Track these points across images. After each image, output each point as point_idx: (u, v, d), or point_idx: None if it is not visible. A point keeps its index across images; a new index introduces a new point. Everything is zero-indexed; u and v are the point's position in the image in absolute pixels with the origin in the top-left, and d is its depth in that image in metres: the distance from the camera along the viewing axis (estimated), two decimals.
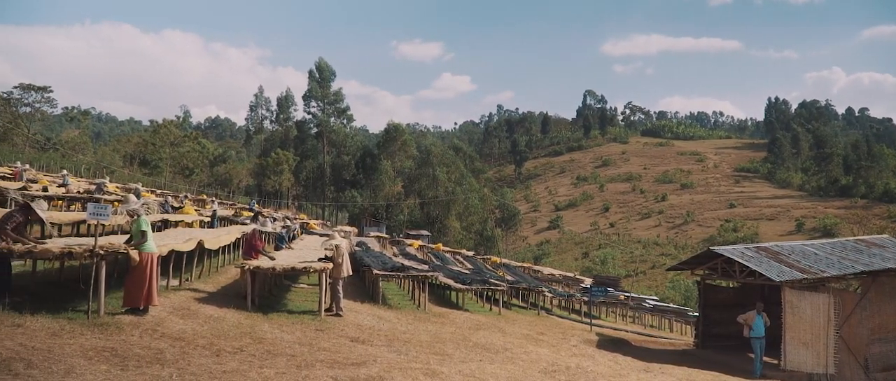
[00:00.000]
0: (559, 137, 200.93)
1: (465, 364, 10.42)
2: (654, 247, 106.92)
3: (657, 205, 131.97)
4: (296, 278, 19.13)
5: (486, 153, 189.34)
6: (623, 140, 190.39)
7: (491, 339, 14.66)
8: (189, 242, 13.02)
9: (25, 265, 11.15)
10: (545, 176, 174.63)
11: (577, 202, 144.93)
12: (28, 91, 70.83)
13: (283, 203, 76.94)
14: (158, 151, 78.27)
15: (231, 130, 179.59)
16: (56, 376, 5.93)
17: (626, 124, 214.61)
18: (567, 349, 15.94)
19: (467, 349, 12.54)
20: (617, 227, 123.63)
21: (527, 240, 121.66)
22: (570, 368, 12.22)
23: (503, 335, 16.02)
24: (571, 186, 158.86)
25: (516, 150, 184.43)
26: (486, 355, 12.17)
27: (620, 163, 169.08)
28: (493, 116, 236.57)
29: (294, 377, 7.39)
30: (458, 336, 14.17)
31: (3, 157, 47.09)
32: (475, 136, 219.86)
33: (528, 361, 12.23)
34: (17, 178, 24.35)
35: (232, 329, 10.08)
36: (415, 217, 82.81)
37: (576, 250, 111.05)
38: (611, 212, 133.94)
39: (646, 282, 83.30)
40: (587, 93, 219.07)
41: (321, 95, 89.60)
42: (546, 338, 17.36)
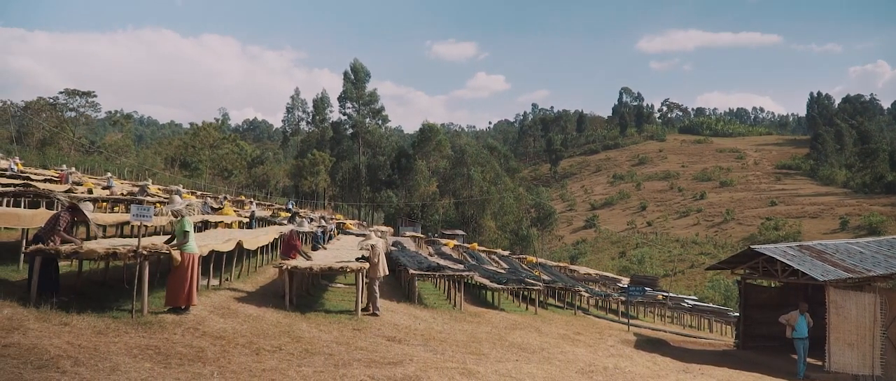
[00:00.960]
0: (595, 135, 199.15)
1: (502, 364, 10.41)
2: (692, 246, 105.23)
3: (696, 203, 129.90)
4: (333, 278, 19.33)
5: (521, 152, 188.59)
6: (660, 138, 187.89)
7: (527, 339, 14.62)
8: (229, 242, 13.25)
9: (72, 266, 11.47)
10: (581, 175, 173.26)
11: (614, 201, 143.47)
12: (73, 96, 72.85)
13: (319, 204, 77.68)
14: (198, 153, 79.72)
15: (268, 131, 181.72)
16: (102, 373, 6.09)
17: (664, 122, 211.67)
18: (604, 349, 15.82)
19: (503, 348, 12.53)
20: (654, 226, 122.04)
21: (562, 239, 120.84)
22: (607, 368, 12.12)
23: (539, 335, 15.96)
24: (607, 185, 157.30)
25: (551, 148, 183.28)
26: (523, 355, 12.14)
27: (658, 161, 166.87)
28: (527, 115, 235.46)
29: (332, 375, 7.47)
30: (495, 336, 14.16)
31: (50, 160, 48.42)
32: (510, 135, 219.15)
33: (564, 361, 12.17)
34: (63, 181, 24.99)
35: (271, 328, 10.23)
36: (450, 217, 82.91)
37: (612, 250, 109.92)
38: (648, 211, 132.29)
39: (684, 282, 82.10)
40: (623, 90, 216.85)
41: (356, 96, 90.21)
42: (583, 338, 17.24)
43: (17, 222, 11.49)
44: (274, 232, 19.86)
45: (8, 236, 13.95)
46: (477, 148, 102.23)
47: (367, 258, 14.42)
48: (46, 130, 69.83)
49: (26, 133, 69.20)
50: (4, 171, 24.24)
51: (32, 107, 72.49)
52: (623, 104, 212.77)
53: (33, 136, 68.78)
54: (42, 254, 8.96)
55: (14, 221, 11.44)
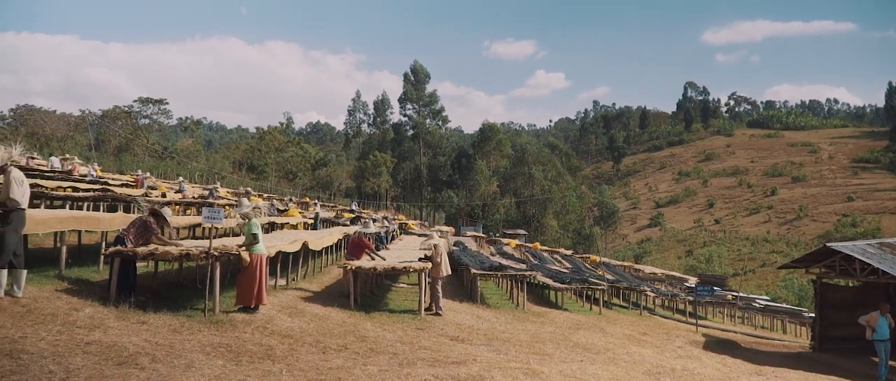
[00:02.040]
0: (659, 131, 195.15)
1: (566, 364, 10.33)
2: (763, 244, 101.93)
3: (766, 200, 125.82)
4: (396, 278, 19.52)
5: (583, 150, 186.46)
6: (727, 132, 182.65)
7: (591, 339, 14.46)
8: (294, 243, 13.55)
9: (148, 267, 11.95)
10: (645, 172, 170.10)
11: (679, 199, 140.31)
12: (146, 104, 75.80)
13: (381, 204, 78.55)
14: (264, 156, 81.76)
15: (331, 134, 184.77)
16: (178, 370, 6.33)
17: (731, 116, 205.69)
18: (672, 350, 15.51)
19: (567, 348, 12.43)
20: (722, 223, 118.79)
21: (626, 238, 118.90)
22: (675, 370, 11.88)
23: (604, 335, 15.76)
24: (673, 182, 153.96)
25: (614, 146, 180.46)
26: (587, 355, 12.02)
27: (725, 156, 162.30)
28: (588, 113, 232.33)
29: (396, 374, 7.56)
30: (558, 336, 14.06)
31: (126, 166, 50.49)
32: (571, 133, 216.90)
33: (630, 362, 11.98)
34: (138, 185, 25.99)
35: (336, 327, 10.42)
36: (511, 216, 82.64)
37: (678, 248, 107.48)
38: (716, 208, 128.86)
39: (755, 281, 79.64)
40: (688, 85, 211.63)
41: (416, 97, 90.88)
42: (649, 339, 16.95)
43: (96, 225, 12.03)
44: (338, 233, 20.21)
45: (88, 239, 14.61)
46: (537, 147, 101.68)
47: (429, 258, 14.51)
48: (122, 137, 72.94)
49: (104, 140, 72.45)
50: (84, 176, 25.38)
51: (109, 115, 75.87)
52: (688, 99, 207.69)
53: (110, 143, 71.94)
54: (121, 255, 9.38)
55: (94, 224, 11.97)
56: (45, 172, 23.02)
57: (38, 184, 17.05)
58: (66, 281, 9.88)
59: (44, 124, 67.21)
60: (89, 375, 5.54)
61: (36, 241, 13.82)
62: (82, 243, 13.93)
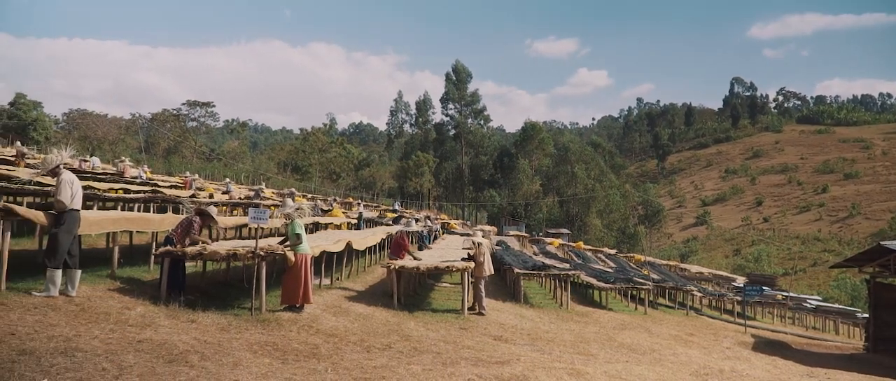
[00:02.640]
0: (704, 128, 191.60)
1: (611, 365, 10.21)
2: (814, 243, 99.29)
3: (817, 197, 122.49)
4: (438, 278, 19.56)
5: (627, 148, 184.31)
6: (776, 129, 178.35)
7: (637, 339, 14.27)
8: (338, 243, 13.69)
9: (196, 266, 12.19)
10: (690, 170, 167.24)
11: (727, 197, 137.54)
12: (194, 107, 77.45)
13: (424, 204, 78.81)
14: (308, 157, 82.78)
15: (373, 134, 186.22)
16: (226, 367, 6.44)
17: (780, 112, 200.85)
18: (719, 351, 15.20)
19: (612, 349, 12.29)
20: (771, 222, 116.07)
21: (672, 237, 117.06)
22: (723, 371, 11.64)
23: (650, 336, 15.54)
24: (719, 180, 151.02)
25: (658, 144, 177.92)
26: (633, 355, 11.85)
27: (774, 153, 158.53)
28: (632, 110, 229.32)
29: (440, 373, 7.56)
30: (603, 336, 13.91)
31: (175, 167, 51.67)
32: (614, 131, 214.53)
33: (677, 363, 11.79)
34: (187, 187, 26.56)
35: (380, 326, 10.48)
36: (554, 215, 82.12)
37: (726, 247, 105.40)
38: (764, 206, 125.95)
39: (806, 281, 77.63)
40: (734, 80, 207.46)
41: (458, 96, 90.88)
42: (696, 339, 16.65)
43: (147, 226, 12.34)
44: (381, 233, 20.33)
45: (139, 240, 14.98)
46: (580, 145, 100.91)
47: (472, 257, 14.49)
48: (171, 140, 74.67)
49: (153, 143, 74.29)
50: (135, 178, 26.05)
51: (158, 118, 77.76)
52: (735, 95, 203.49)
53: (159, 145, 73.72)
54: (170, 255, 9.60)
55: (144, 225, 12.28)
56: (97, 175, 23.70)
57: (90, 186, 17.54)
58: (118, 281, 10.15)
59: (96, 128, 69.26)
60: (141, 372, 5.67)
61: (89, 241, 14.22)
62: (133, 244, 14.30)
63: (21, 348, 5.71)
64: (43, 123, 61.21)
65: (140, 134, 74.81)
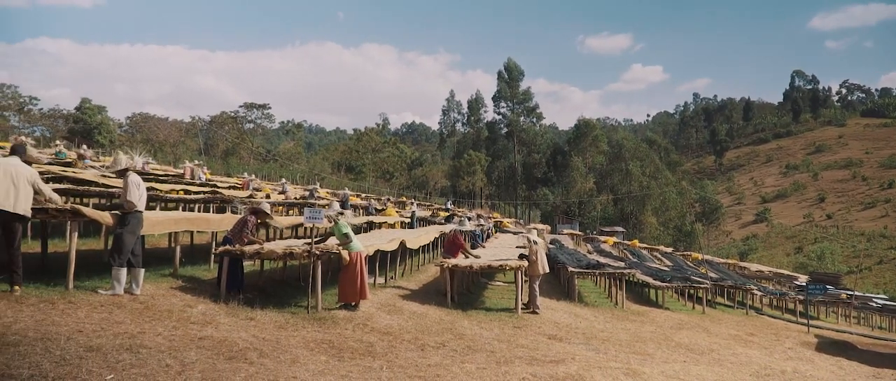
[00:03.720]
0: (764, 123, 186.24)
1: (668, 365, 10.01)
2: (880, 240, 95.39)
3: (883, 193, 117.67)
4: (492, 276, 19.52)
5: (683, 145, 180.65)
6: (839, 123, 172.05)
7: (695, 339, 13.96)
8: (392, 242, 13.78)
9: (254, 265, 12.46)
10: (749, 166, 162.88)
11: (788, 193, 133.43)
12: (251, 109, 79.15)
13: (476, 203, 78.79)
14: (362, 157, 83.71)
15: (426, 134, 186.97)
16: (284, 365, 6.55)
17: (843, 105, 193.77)
18: (781, 351, 14.74)
19: (669, 348, 12.04)
20: (835, 218, 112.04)
21: (730, 235, 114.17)
22: (785, 372, 11.29)
23: (708, 336, 15.18)
24: (780, 176, 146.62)
25: (716, 139, 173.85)
26: (690, 355, 11.60)
27: (837, 148, 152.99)
28: (688, 106, 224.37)
29: (494, 372, 7.53)
30: (659, 335, 13.65)
31: (232, 169, 52.89)
32: (670, 127, 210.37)
33: (736, 363, 11.48)
34: (245, 187, 27.13)
35: (434, 325, 10.51)
36: (608, 213, 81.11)
37: (787, 245, 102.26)
38: (827, 202, 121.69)
39: (872, 279, 74.77)
40: (795, 73, 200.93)
41: (510, 95, 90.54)
42: (756, 339, 16.19)
43: (206, 226, 12.66)
44: (434, 231, 20.40)
45: (199, 239, 15.38)
46: (635, 142, 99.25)
47: (526, 256, 14.41)
48: (229, 141, 76.44)
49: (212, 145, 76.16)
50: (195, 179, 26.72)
51: (216, 121, 79.72)
52: (795, 88, 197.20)
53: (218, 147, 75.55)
54: (229, 255, 9.82)
55: (204, 224, 12.60)
56: (159, 176, 24.40)
57: (153, 187, 18.08)
58: (179, 279, 10.43)
59: (157, 131, 71.41)
60: (203, 369, 5.81)
61: (152, 241, 14.66)
62: (194, 243, 14.68)
63: (88, 344, 5.91)
64: (107, 126, 63.45)
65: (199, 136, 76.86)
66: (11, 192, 7.31)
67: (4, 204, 7.24)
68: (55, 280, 8.30)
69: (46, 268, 9.42)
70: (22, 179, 7.45)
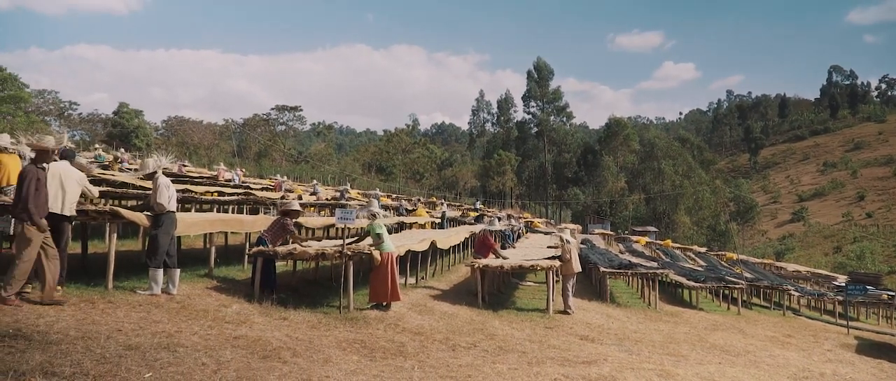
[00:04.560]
0: (800, 120, 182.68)
1: (703, 366, 9.89)
2: None
3: None
4: (523, 276, 19.47)
5: (716, 143, 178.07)
6: (879, 119, 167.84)
7: (730, 340, 13.77)
8: (423, 242, 13.83)
9: (287, 266, 12.60)
10: (785, 164, 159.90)
11: (825, 191, 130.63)
12: (282, 112, 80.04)
13: (506, 203, 78.63)
14: (392, 158, 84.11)
15: (455, 134, 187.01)
16: (316, 364, 6.62)
17: (882, 100, 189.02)
18: (820, 353, 14.46)
19: (704, 350, 11.90)
20: (875, 217, 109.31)
21: (766, 234, 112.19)
22: (824, 374, 11.08)
23: (744, 337, 14.96)
24: (817, 174, 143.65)
25: (750, 137, 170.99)
26: (726, 357, 11.44)
27: (877, 145, 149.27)
28: (722, 103, 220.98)
29: (526, 373, 7.53)
30: (693, 336, 13.49)
31: (265, 170, 53.50)
32: (703, 125, 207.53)
33: (773, 365, 11.30)
34: (277, 189, 27.43)
35: (465, 325, 10.52)
36: (640, 213, 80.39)
37: (825, 245, 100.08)
38: (867, 201, 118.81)
39: None
40: (832, 69, 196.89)
41: (540, 94, 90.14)
42: (794, 341, 15.90)
43: (240, 227, 12.83)
44: (464, 232, 20.41)
45: (234, 240, 15.60)
46: (667, 141, 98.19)
47: (558, 256, 14.38)
48: (262, 143, 77.36)
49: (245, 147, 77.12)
50: (229, 181, 27.11)
51: (249, 123, 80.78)
52: (833, 84, 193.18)
53: (251, 149, 76.51)
54: (263, 255, 9.96)
55: (238, 226, 12.78)
56: (194, 179, 24.79)
57: (188, 189, 18.38)
58: (214, 279, 10.60)
59: (192, 133, 72.60)
60: (238, 367, 5.90)
61: (188, 242, 14.90)
62: (228, 244, 14.89)
63: (127, 343, 6.05)
64: (144, 130, 64.69)
65: (233, 139, 77.92)
66: (59, 195, 7.56)
67: (53, 207, 7.49)
68: (95, 280, 8.51)
69: (87, 268, 9.64)
70: (71, 181, 7.72)
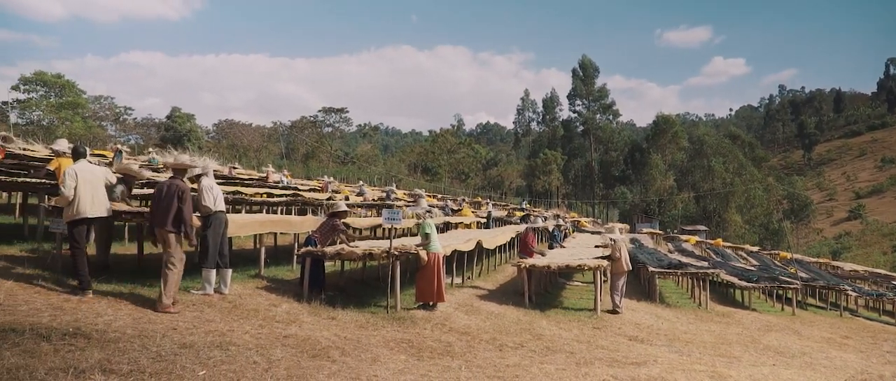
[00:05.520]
0: (856, 115, 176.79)
1: (756, 368, 9.67)
2: None
3: None
4: (570, 276, 19.33)
5: (769, 139, 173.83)
6: None
7: (784, 342, 13.43)
8: (469, 242, 13.84)
9: (335, 266, 12.75)
10: (841, 160, 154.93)
11: (884, 188, 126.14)
12: (329, 113, 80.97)
13: (552, 202, 78.08)
14: (437, 158, 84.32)
15: (500, 134, 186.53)
16: (365, 363, 6.69)
17: None
18: (880, 355, 13.99)
19: (757, 351, 11.63)
20: None
21: (822, 233, 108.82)
22: (883, 377, 10.71)
23: (799, 338, 14.57)
24: (875, 170, 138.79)
25: (804, 133, 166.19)
26: (780, 359, 11.16)
27: None
28: (774, 98, 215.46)
29: (574, 373, 7.47)
30: (746, 338, 13.20)
31: (312, 172, 54.20)
32: (754, 121, 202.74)
33: (830, 367, 10.98)
34: (324, 190, 27.76)
35: (512, 325, 10.50)
36: (689, 212, 78.91)
37: (884, 243, 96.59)
38: None
39: None
40: (890, 61, 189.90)
41: (585, 92, 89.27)
42: (852, 343, 15.42)
43: (289, 228, 13.05)
44: (510, 231, 20.35)
45: (283, 241, 15.85)
46: (717, 138, 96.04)
47: (607, 256, 14.26)
48: (309, 145, 78.42)
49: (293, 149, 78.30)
50: (278, 183, 27.54)
51: (297, 125, 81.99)
52: (890, 77, 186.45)
53: (298, 151, 77.62)
54: (311, 256, 10.10)
55: (287, 226, 13.00)
56: (244, 180, 25.26)
57: (239, 191, 18.73)
58: (265, 280, 10.79)
59: (242, 136, 73.98)
60: (288, 366, 6.00)
61: (238, 243, 15.20)
62: (278, 245, 15.15)
63: (182, 341, 6.21)
64: (196, 133, 66.22)
65: (281, 141, 79.15)
66: (93, 198, 7.87)
67: (91, 211, 7.82)
68: (150, 281, 8.74)
69: (142, 269, 9.92)
70: (99, 180, 8.04)
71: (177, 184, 8.00)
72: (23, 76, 56.64)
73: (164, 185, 8.06)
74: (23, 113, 54.93)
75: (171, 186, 7.97)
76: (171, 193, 7.87)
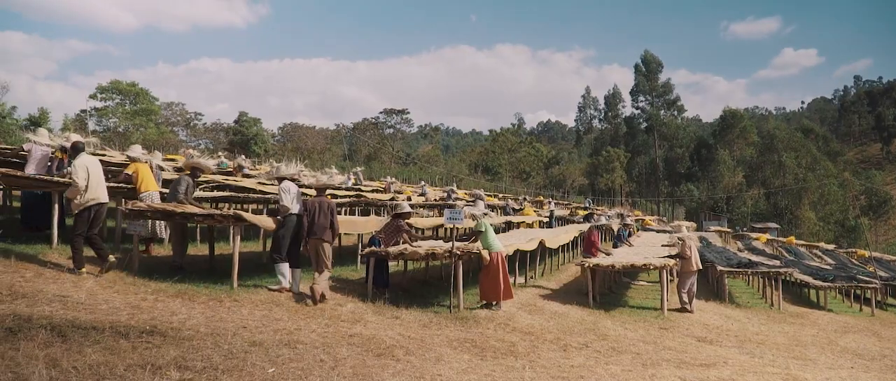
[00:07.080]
0: None
1: (833, 371, 9.30)
2: None
3: None
4: (635, 275, 19.01)
5: (844, 132, 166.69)
6: None
7: (863, 344, 12.87)
8: (531, 241, 13.79)
9: (398, 265, 12.88)
10: None
11: None
12: (390, 115, 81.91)
13: (616, 200, 76.93)
14: (498, 158, 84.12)
15: (562, 132, 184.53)
16: (429, 362, 6.74)
17: None
18: None
19: (834, 354, 11.18)
20: None
21: None
22: None
23: (879, 340, 13.94)
24: None
25: (882, 125, 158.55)
26: (859, 362, 10.70)
27: None
28: (849, 90, 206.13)
29: (640, 375, 7.35)
30: (822, 339, 12.71)
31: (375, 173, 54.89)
32: (828, 114, 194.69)
33: None
34: (386, 190, 28.08)
35: (576, 325, 10.39)
36: (759, 209, 76.42)
37: None
38: None
39: None
40: None
41: (649, 88, 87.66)
42: None
43: (353, 228, 13.25)
44: (573, 231, 20.15)
45: (347, 241, 16.11)
46: (788, 132, 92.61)
47: (676, 254, 13.99)
48: (371, 147, 79.45)
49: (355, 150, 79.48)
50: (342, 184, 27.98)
51: (359, 127, 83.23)
52: None
53: (361, 152, 78.76)
54: (375, 256, 10.24)
55: (351, 227, 13.20)
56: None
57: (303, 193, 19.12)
58: (330, 279, 10.98)
59: (306, 139, 75.50)
60: (354, 364, 6.10)
61: None
62: (342, 245, 15.40)
63: (252, 340, 6.38)
64: (262, 137, 67.94)
65: (344, 143, 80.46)
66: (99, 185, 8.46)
67: (103, 197, 8.52)
68: (222, 280, 9.01)
69: (213, 269, 10.24)
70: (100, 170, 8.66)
71: (328, 202, 9.33)
72: (100, 85, 59.53)
73: (316, 202, 9.26)
74: (100, 120, 57.53)
75: (322, 203, 9.26)
76: (324, 210, 9.20)
